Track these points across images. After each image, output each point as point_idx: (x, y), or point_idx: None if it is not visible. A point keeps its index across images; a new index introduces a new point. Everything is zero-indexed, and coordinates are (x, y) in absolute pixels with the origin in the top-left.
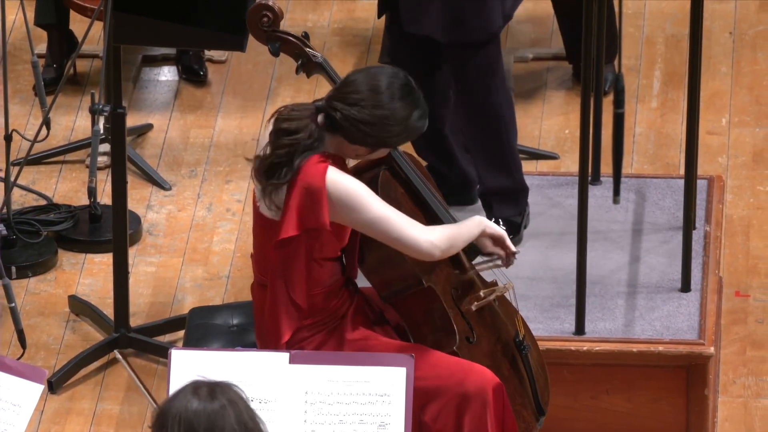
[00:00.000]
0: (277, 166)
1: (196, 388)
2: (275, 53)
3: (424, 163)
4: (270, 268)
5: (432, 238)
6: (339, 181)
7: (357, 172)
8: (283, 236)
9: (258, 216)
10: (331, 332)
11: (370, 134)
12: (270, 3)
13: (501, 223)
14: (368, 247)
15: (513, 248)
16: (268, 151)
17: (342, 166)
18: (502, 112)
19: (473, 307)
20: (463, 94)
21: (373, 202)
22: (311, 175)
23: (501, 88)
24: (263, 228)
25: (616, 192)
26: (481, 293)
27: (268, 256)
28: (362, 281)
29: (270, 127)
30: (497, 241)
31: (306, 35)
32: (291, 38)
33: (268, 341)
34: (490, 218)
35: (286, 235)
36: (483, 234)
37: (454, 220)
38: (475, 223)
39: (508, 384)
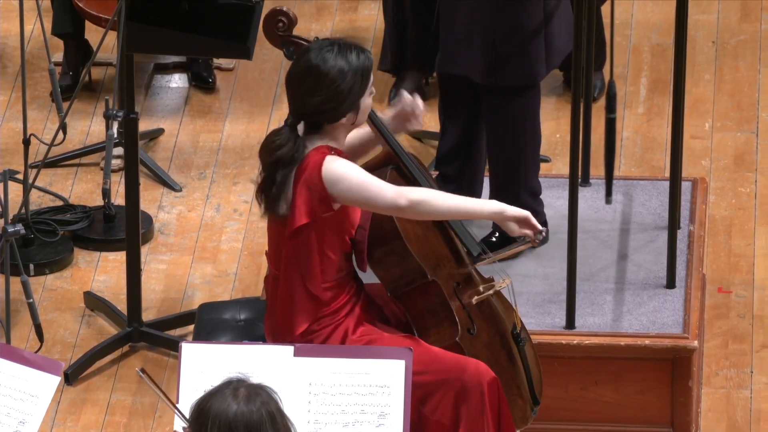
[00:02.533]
0: (267, 185)
1: (235, 390)
2: (290, 57)
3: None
4: (284, 261)
5: (400, 190)
6: (331, 163)
7: (366, 171)
8: (295, 226)
9: (271, 219)
10: (337, 327)
11: (340, 102)
12: (285, 9)
13: (498, 234)
14: (376, 242)
15: (539, 226)
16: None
17: (342, 156)
18: (526, 157)
19: (474, 301)
20: (492, 135)
21: (355, 172)
22: (311, 166)
23: (531, 139)
24: (276, 224)
25: (608, 192)
26: (481, 288)
27: (282, 249)
28: (367, 278)
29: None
30: (522, 222)
31: (318, 40)
32: (304, 43)
33: (280, 333)
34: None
35: (298, 224)
36: (506, 218)
37: (458, 220)
38: (490, 204)
39: (505, 374)
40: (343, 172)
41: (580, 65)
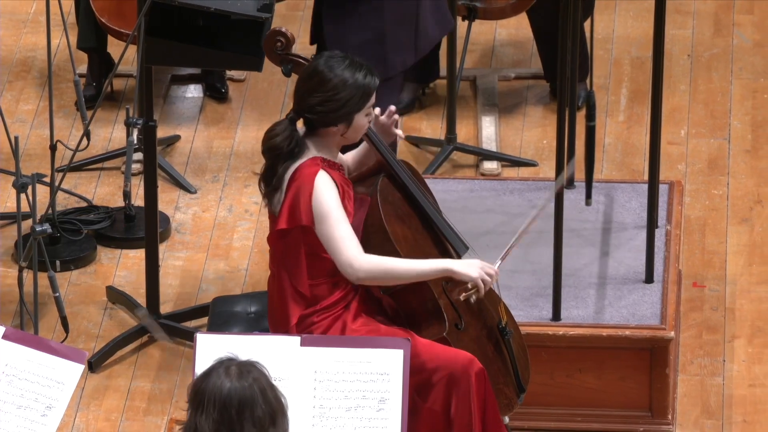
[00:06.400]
0: (268, 176)
1: (227, 368)
2: (287, 74)
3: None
4: (275, 258)
5: (355, 263)
6: (322, 190)
7: (360, 179)
8: (276, 228)
9: (270, 214)
10: (336, 319)
11: (334, 109)
12: (283, 29)
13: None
14: (368, 245)
15: (492, 268)
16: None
17: (334, 170)
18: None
19: (461, 298)
20: None
21: (334, 221)
22: (303, 177)
23: None
24: (271, 223)
25: (588, 195)
26: (469, 285)
27: (273, 246)
28: None
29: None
30: (473, 270)
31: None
32: (301, 60)
33: (278, 325)
34: None
35: (279, 228)
36: (456, 275)
37: (446, 222)
38: (439, 264)
39: (492, 365)
40: (325, 214)
41: (565, 76)
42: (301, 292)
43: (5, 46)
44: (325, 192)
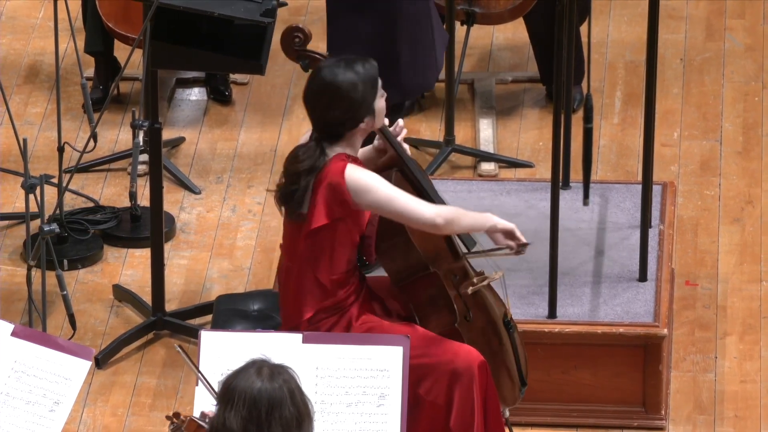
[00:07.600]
0: (291, 193)
1: (259, 368)
2: (306, 69)
3: None
4: (299, 256)
5: (436, 209)
6: (354, 172)
7: None
8: (314, 226)
9: (286, 219)
10: (343, 315)
11: (357, 110)
12: (300, 26)
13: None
14: (383, 236)
15: (523, 240)
16: (282, 181)
17: (359, 164)
18: None
19: (469, 291)
20: None
21: (382, 185)
22: (333, 173)
23: None
24: (292, 221)
25: (586, 195)
26: (475, 279)
27: (297, 244)
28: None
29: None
30: (508, 234)
31: (326, 59)
32: (318, 56)
33: (291, 319)
34: None
35: (317, 225)
36: (494, 229)
37: None
38: (484, 216)
39: (497, 358)
40: (370, 184)
41: (560, 80)
42: (324, 285)
43: (14, 51)
44: (358, 170)
